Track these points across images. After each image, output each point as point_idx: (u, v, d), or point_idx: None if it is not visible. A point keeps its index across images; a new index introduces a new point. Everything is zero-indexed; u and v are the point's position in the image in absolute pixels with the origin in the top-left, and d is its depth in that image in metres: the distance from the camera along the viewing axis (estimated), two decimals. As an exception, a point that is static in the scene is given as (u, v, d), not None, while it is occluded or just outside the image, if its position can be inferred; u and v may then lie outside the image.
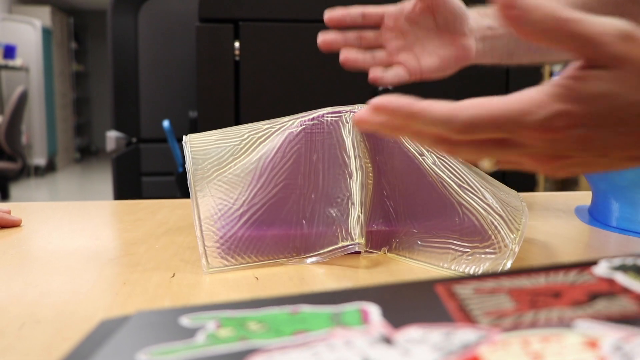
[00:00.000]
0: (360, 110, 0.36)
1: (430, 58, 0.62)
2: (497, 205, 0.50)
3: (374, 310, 0.24)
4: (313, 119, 0.53)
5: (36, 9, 7.74)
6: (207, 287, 0.45)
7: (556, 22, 0.31)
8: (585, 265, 0.28)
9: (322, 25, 1.15)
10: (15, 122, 4.67)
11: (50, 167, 7.53)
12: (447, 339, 0.22)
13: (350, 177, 0.51)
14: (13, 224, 0.65)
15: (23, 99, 4.76)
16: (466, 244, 0.49)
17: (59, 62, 8.17)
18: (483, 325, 0.23)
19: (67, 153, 8.47)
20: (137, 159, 1.66)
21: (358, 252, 0.53)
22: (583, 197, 0.81)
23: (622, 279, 0.26)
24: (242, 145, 0.52)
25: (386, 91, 1.09)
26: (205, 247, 0.49)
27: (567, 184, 4.30)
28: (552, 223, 0.67)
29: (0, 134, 4.58)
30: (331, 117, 0.53)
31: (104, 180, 6.64)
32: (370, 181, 0.54)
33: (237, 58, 1.11)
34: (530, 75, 1.18)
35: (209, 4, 1.10)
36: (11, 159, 4.68)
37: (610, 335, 0.21)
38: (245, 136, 0.53)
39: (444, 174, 0.51)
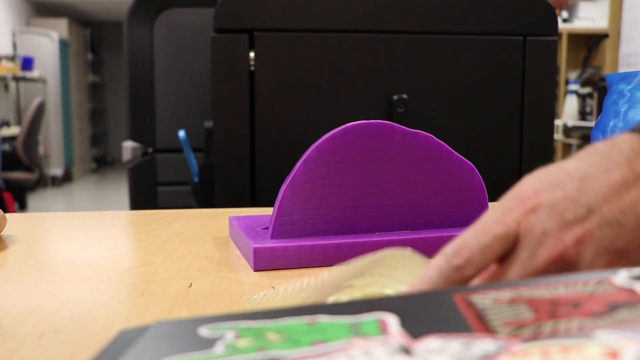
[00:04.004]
0: None
1: None
2: None
3: (392, 321, 0.24)
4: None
5: (53, 21, 7.84)
6: (224, 297, 0.45)
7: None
8: (604, 275, 0.27)
9: (337, 36, 1.15)
10: (32, 133, 4.72)
11: (66, 177, 7.59)
12: (467, 349, 0.22)
13: None
14: None
15: (40, 110, 4.81)
16: None
17: (76, 73, 8.26)
18: (502, 336, 0.23)
19: (84, 163, 8.54)
20: (153, 169, 1.67)
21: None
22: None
23: (643, 288, 0.26)
24: None
25: (401, 101, 1.09)
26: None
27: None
28: (570, 232, 0.66)
29: (18, 145, 4.63)
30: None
31: (120, 190, 6.69)
32: None
33: (252, 68, 1.11)
34: (545, 70, 1.18)
35: (224, 14, 1.11)
36: (28, 170, 4.73)
37: (631, 345, 0.21)
38: None
39: None
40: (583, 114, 3.94)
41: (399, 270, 0.41)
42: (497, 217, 0.34)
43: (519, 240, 0.33)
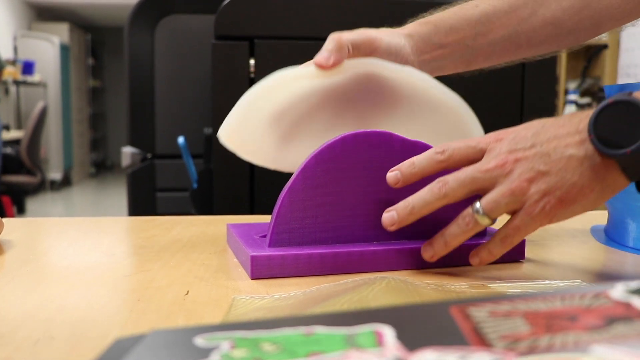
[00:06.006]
0: None
1: None
2: None
3: (388, 332, 0.24)
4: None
5: (55, 26, 7.86)
6: (220, 305, 0.45)
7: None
8: (601, 289, 0.27)
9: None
10: (36, 136, 4.73)
11: (65, 182, 7.59)
12: (462, 363, 0.22)
13: None
14: None
15: (44, 114, 4.83)
16: None
17: (76, 77, 8.27)
18: (498, 349, 0.23)
19: (83, 168, 8.54)
20: (152, 175, 1.67)
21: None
22: (599, 217, 0.80)
23: (639, 303, 0.26)
24: None
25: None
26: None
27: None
28: (568, 243, 0.66)
29: (22, 148, 4.63)
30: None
31: (119, 195, 6.68)
32: None
33: (252, 75, 1.12)
34: (545, 80, 1.18)
35: (225, 21, 1.11)
36: (30, 173, 4.74)
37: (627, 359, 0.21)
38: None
39: None
40: (582, 124, 3.93)
41: (382, 295, 0.42)
42: (476, 138, 0.51)
43: (484, 154, 0.50)
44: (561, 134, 0.47)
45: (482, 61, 0.65)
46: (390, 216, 0.52)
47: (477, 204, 0.49)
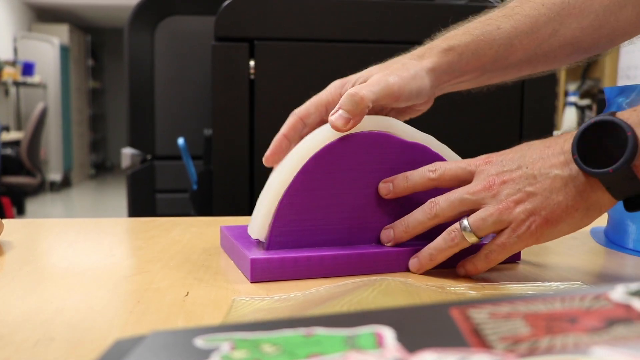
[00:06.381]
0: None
1: None
2: None
3: (388, 334, 0.24)
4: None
5: (55, 27, 7.86)
6: (220, 306, 0.45)
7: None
8: (601, 291, 0.27)
9: (338, 45, 1.16)
10: (36, 137, 4.73)
11: (65, 183, 7.59)
12: (462, 364, 0.22)
13: None
14: None
15: (44, 115, 4.83)
16: None
17: (76, 79, 8.27)
18: (498, 351, 0.23)
19: (83, 169, 8.54)
20: (151, 176, 1.67)
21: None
22: (599, 219, 0.80)
23: (639, 305, 0.26)
24: None
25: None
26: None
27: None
28: (568, 244, 0.66)
29: (22, 150, 4.64)
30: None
31: (119, 196, 6.68)
32: None
33: (252, 77, 1.12)
34: (545, 82, 1.18)
35: (225, 23, 1.11)
36: (30, 174, 4.74)
37: (627, 362, 0.21)
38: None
39: None
40: (582, 126, 3.93)
41: (382, 296, 0.42)
42: (466, 160, 0.52)
43: (473, 175, 0.51)
44: (546, 154, 0.48)
45: (494, 81, 0.64)
46: (387, 234, 0.55)
47: (465, 221, 0.50)
